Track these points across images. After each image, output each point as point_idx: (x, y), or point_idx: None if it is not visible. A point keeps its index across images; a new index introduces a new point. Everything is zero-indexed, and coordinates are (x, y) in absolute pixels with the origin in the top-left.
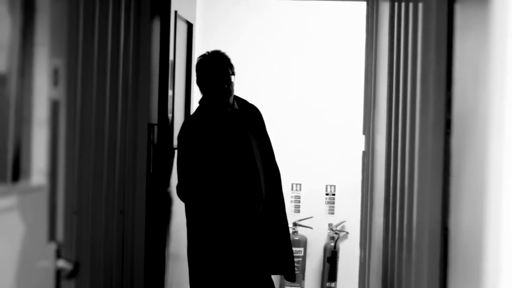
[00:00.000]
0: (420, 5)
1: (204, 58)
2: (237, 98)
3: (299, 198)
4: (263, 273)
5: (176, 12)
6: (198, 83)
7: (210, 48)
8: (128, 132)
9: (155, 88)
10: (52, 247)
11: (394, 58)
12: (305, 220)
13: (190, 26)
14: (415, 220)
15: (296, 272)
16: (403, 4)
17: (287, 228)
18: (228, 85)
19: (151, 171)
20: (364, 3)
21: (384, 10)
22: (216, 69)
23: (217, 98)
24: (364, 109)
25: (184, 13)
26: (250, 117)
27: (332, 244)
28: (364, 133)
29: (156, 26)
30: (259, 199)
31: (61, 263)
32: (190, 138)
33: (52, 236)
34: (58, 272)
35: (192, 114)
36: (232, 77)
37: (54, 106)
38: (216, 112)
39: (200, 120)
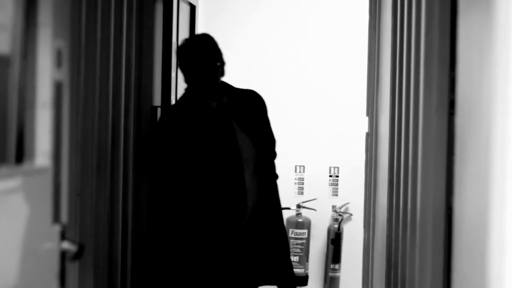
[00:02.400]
0: None
1: (191, 41)
2: (229, 87)
3: (303, 180)
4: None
5: None
6: (183, 70)
7: (214, 30)
8: (131, 114)
9: (158, 70)
10: (56, 229)
11: (397, 38)
12: (308, 202)
13: (193, 8)
14: (419, 200)
15: (300, 254)
16: None
17: (285, 237)
18: (218, 75)
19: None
20: None
21: None
22: (204, 56)
23: (204, 90)
24: (367, 90)
25: None
26: (242, 110)
27: (336, 225)
28: (367, 114)
29: (159, 7)
30: (242, 210)
31: (65, 245)
32: (168, 132)
33: (56, 218)
34: (63, 254)
35: (174, 105)
36: (221, 67)
37: (58, 88)
38: (201, 106)
39: (182, 114)
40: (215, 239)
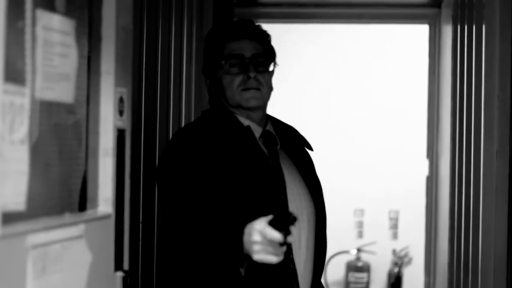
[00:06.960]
0: (484, 28)
1: (221, 27)
2: (281, 124)
3: (362, 223)
4: None
5: None
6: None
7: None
8: None
9: None
10: (119, 276)
11: (458, 82)
12: (368, 246)
13: None
14: (480, 246)
15: None
16: (466, 27)
17: None
18: (248, 73)
19: None
20: (427, 26)
21: (447, 33)
22: (265, 50)
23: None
24: (427, 133)
25: None
26: (292, 147)
27: (396, 269)
28: (427, 157)
29: None
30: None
31: None
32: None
33: (118, 265)
34: None
35: (197, 126)
36: (268, 65)
37: (120, 135)
38: (241, 132)
39: (213, 142)
40: None
